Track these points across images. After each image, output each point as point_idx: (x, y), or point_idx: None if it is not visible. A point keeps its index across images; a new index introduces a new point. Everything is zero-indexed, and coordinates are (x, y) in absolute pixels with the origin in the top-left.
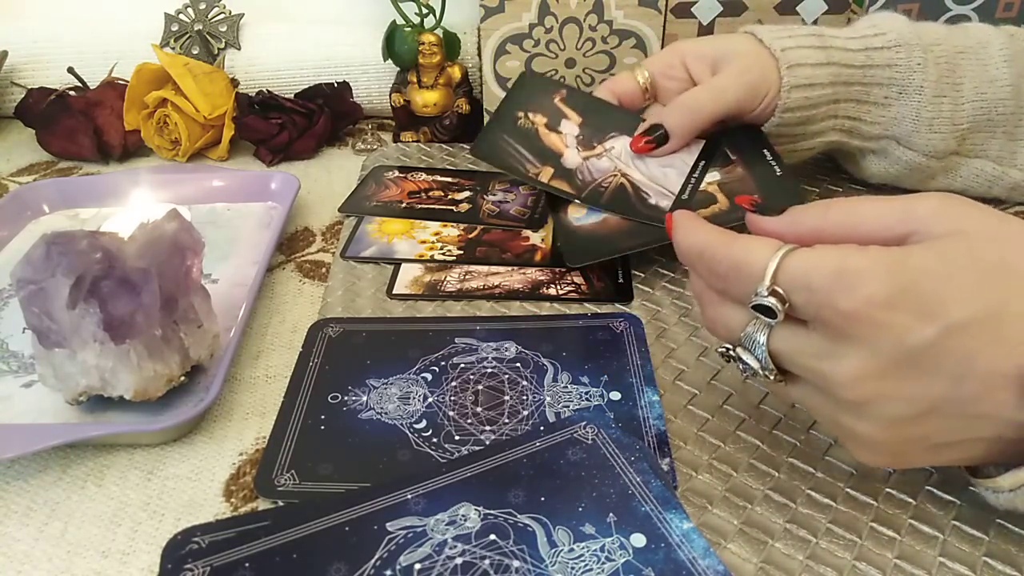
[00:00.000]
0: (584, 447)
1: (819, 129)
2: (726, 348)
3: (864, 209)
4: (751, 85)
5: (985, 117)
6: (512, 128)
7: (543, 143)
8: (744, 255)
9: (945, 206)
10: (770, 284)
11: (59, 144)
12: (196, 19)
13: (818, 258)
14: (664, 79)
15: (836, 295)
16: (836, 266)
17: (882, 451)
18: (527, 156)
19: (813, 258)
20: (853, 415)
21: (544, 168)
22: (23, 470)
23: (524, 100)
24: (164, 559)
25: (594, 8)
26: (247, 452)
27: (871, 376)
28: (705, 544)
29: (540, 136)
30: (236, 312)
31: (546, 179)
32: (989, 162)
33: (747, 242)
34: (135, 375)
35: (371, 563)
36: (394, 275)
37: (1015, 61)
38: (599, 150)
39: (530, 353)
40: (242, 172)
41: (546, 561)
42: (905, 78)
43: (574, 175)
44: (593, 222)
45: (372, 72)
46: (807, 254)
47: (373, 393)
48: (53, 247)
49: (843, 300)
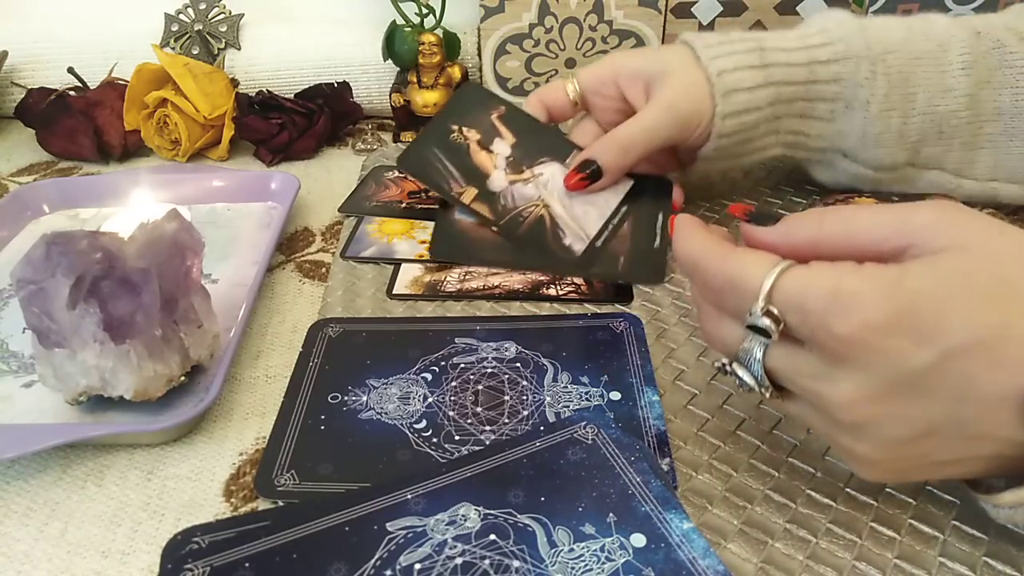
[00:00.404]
0: (584, 447)
1: (760, 146)
2: (723, 363)
3: (860, 220)
4: (682, 119)
5: (936, 129)
6: (444, 142)
7: (472, 161)
8: (739, 271)
9: (944, 218)
10: (764, 304)
11: (59, 144)
12: (196, 19)
13: (813, 278)
14: (595, 96)
15: (831, 318)
16: (831, 287)
17: (881, 469)
18: (453, 173)
19: (808, 278)
20: (851, 435)
21: (468, 188)
22: (23, 470)
23: (461, 113)
24: (164, 559)
25: (594, 8)
26: (247, 452)
27: (868, 399)
28: (705, 544)
29: (470, 153)
30: (236, 312)
31: (468, 200)
32: (945, 174)
33: (742, 257)
34: (135, 375)
35: (371, 563)
36: (394, 275)
37: (975, 67)
38: (527, 175)
39: (530, 353)
40: (242, 172)
41: (546, 561)
42: (851, 93)
43: (496, 199)
44: (468, 222)
45: (372, 72)
46: (802, 274)
47: (373, 393)
48: (53, 247)
49: (838, 324)
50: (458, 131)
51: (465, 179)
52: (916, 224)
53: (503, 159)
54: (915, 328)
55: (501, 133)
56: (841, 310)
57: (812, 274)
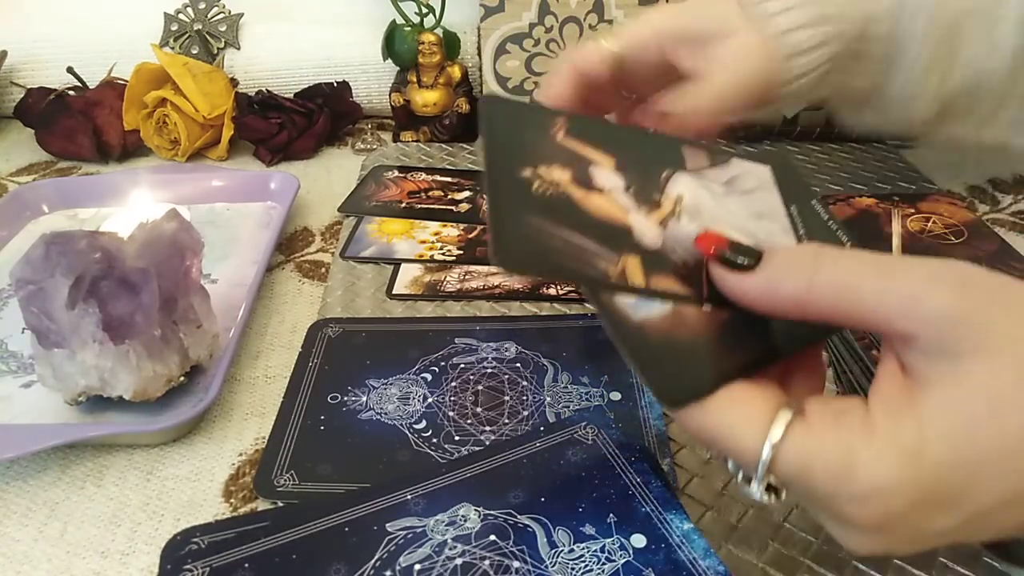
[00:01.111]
0: (584, 447)
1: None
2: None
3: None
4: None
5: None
6: (531, 201)
7: (591, 215)
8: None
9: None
10: (764, 479)
11: (58, 144)
12: (195, 19)
13: (819, 450)
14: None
15: (845, 504)
16: (841, 465)
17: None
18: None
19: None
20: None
21: (625, 259)
22: (22, 470)
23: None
24: (163, 559)
25: (594, 7)
26: (246, 452)
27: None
28: (705, 544)
29: (577, 203)
30: (235, 312)
31: (640, 279)
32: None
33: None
34: (134, 375)
35: (371, 563)
36: (394, 275)
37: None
38: (668, 205)
39: (530, 353)
40: (241, 172)
41: (546, 562)
42: (896, 52)
43: (667, 260)
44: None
45: (372, 72)
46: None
47: (373, 393)
48: (52, 247)
49: (854, 510)
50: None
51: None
52: (927, 313)
53: (623, 195)
54: (940, 502)
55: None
56: (857, 498)
57: (817, 446)
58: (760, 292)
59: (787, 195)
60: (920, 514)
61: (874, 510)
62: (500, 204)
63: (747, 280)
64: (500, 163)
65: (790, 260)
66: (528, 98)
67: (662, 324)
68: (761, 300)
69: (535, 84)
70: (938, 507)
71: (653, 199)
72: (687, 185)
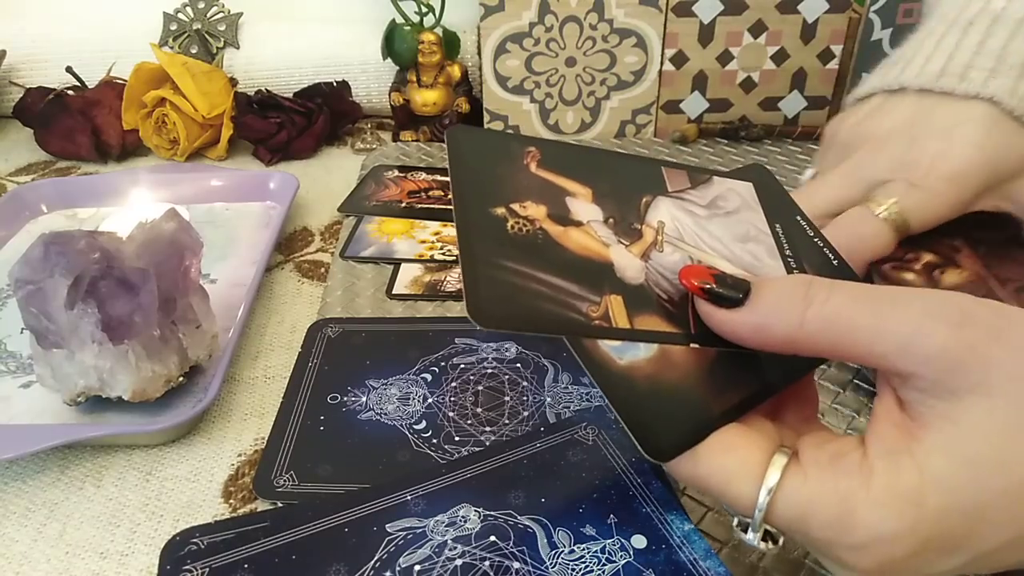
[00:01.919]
0: (585, 448)
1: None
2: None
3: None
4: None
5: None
6: (506, 241)
7: (570, 252)
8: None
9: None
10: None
11: (57, 144)
12: (195, 18)
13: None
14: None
15: (842, 552)
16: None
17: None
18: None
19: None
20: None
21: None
22: (21, 471)
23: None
24: (163, 560)
25: (594, 7)
26: (246, 453)
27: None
28: (706, 545)
29: (555, 240)
30: (235, 312)
31: (624, 321)
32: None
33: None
34: (133, 375)
35: (371, 564)
36: (394, 275)
37: None
38: (649, 235)
39: (530, 354)
40: (241, 172)
41: (546, 563)
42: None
43: (650, 295)
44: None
45: (371, 71)
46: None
47: (372, 394)
48: (51, 247)
49: (851, 557)
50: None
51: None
52: (926, 352)
53: (603, 228)
54: (941, 548)
55: (565, 188)
56: (856, 547)
57: (814, 494)
58: (751, 331)
59: (770, 212)
60: (921, 560)
61: (874, 558)
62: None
63: (736, 318)
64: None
65: (781, 295)
66: (502, 126)
67: (648, 367)
68: (752, 339)
69: (535, 84)
70: (940, 553)
71: (634, 229)
72: (668, 210)
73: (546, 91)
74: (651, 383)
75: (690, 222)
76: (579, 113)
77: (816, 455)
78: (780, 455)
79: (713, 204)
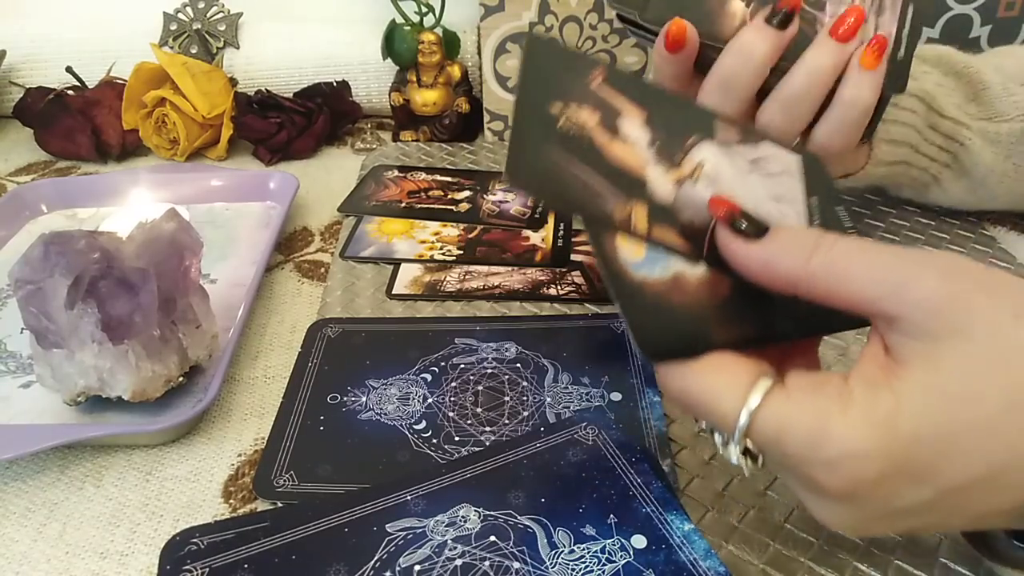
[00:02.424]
0: (585, 448)
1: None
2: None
3: (853, 272)
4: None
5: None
6: (554, 134)
7: (608, 159)
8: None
9: (946, 297)
10: (741, 443)
11: (57, 144)
12: (195, 18)
13: (794, 417)
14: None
15: (816, 470)
16: (814, 432)
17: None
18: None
19: (788, 417)
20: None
21: (633, 205)
22: (21, 471)
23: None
24: (163, 560)
25: (594, 7)
26: (246, 453)
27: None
28: (706, 545)
29: (598, 147)
30: (235, 312)
31: (644, 227)
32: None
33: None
34: (133, 375)
35: (370, 564)
36: (393, 275)
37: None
38: (687, 168)
39: (530, 354)
40: (241, 172)
41: (546, 563)
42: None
43: (674, 216)
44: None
45: (371, 71)
46: (782, 410)
47: (372, 394)
48: (51, 247)
49: (825, 477)
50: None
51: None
52: (914, 297)
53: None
54: (909, 474)
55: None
56: (828, 464)
57: (793, 411)
58: (759, 263)
59: (811, 187)
60: (890, 485)
61: (844, 476)
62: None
63: (749, 249)
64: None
65: (793, 238)
66: None
67: (659, 286)
68: (759, 272)
69: None
70: (908, 479)
71: (674, 159)
72: (712, 153)
73: None
74: (659, 298)
75: (730, 170)
76: None
77: (800, 382)
78: (765, 379)
79: (756, 162)
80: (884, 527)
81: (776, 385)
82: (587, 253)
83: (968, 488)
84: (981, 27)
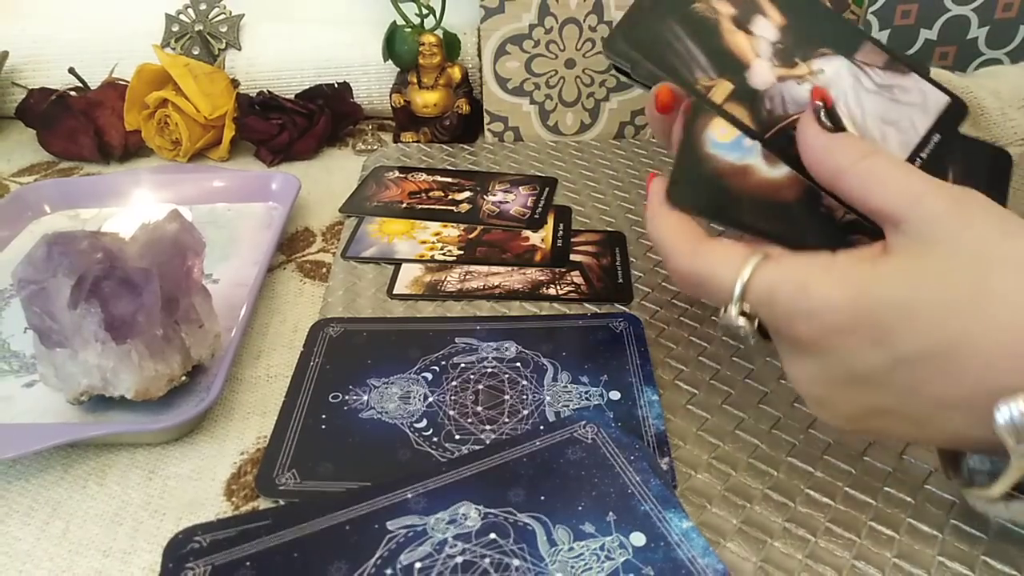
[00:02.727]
0: (584, 446)
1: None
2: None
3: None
4: None
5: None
6: (682, 12)
7: (724, 43)
8: (709, 272)
9: (952, 212)
10: (739, 304)
11: (60, 144)
12: (197, 19)
13: (783, 275)
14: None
15: (796, 320)
16: (798, 287)
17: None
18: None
19: (778, 275)
20: (810, 401)
21: (720, 82)
22: (25, 470)
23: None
24: (165, 558)
25: (594, 9)
26: (248, 451)
27: (822, 382)
28: (704, 543)
29: (722, 32)
30: (237, 312)
31: (720, 98)
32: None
33: (711, 256)
34: (136, 375)
35: (372, 562)
36: (394, 275)
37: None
38: (802, 71)
39: (530, 353)
40: (243, 172)
41: (546, 560)
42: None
43: (760, 100)
44: (735, 160)
45: (372, 73)
46: (772, 271)
47: (374, 392)
48: (54, 247)
49: (801, 324)
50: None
51: (716, 68)
52: (924, 207)
53: (767, 45)
54: (871, 333)
55: (764, 9)
56: (805, 312)
57: (782, 271)
58: (816, 148)
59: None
60: (853, 340)
61: (816, 325)
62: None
63: (817, 134)
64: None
65: (855, 140)
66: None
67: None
68: (812, 154)
69: (535, 85)
70: (868, 339)
71: (793, 61)
72: (838, 69)
73: (546, 92)
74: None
75: (849, 87)
76: (578, 114)
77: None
78: (757, 255)
79: (888, 88)
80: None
81: (767, 258)
82: (586, 253)
83: (920, 362)
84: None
